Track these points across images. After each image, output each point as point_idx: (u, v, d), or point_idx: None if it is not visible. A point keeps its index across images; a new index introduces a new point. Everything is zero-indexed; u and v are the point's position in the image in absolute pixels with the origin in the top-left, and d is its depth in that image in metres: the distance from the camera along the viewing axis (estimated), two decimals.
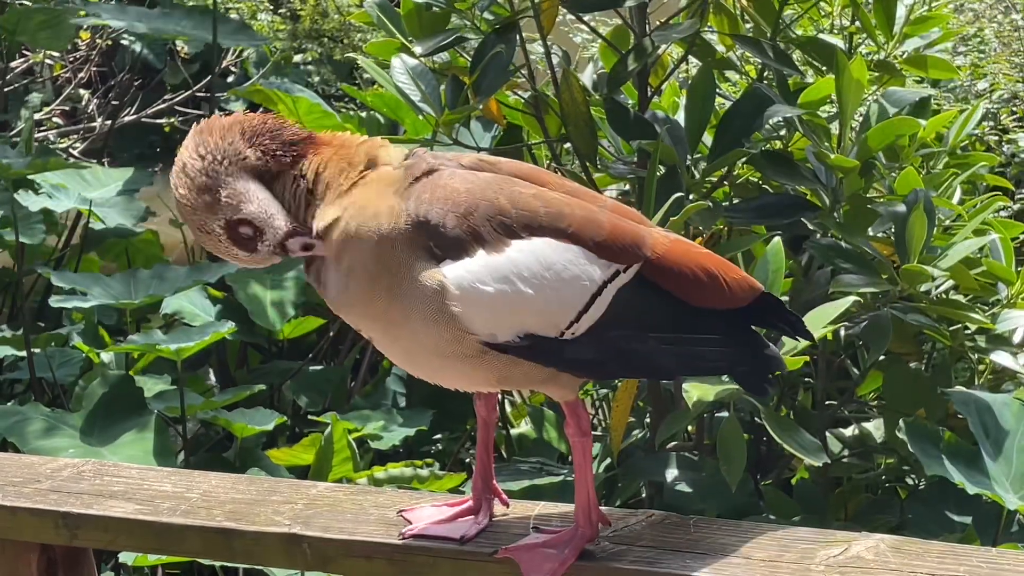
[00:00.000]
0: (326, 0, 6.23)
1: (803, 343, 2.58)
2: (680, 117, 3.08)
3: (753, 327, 1.90)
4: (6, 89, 6.36)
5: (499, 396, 1.97)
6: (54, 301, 4.13)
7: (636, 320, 1.79)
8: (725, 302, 1.83)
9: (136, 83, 6.74)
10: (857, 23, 3.13)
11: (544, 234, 1.76)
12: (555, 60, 3.14)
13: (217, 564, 3.57)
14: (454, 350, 1.75)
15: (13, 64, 6.28)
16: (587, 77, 3.29)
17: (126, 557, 3.27)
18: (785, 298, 3.08)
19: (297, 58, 6.68)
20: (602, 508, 1.88)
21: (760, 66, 3.19)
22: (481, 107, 3.00)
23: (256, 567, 3.08)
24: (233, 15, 6.50)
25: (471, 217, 1.75)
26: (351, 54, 5.59)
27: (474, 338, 1.75)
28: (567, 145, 3.29)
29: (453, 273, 1.74)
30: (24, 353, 4.17)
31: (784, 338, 2.68)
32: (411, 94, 2.95)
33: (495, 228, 1.76)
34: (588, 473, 1.82)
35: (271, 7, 6.72)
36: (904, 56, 3.10)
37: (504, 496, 1.94)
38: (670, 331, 1.81)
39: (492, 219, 1.76)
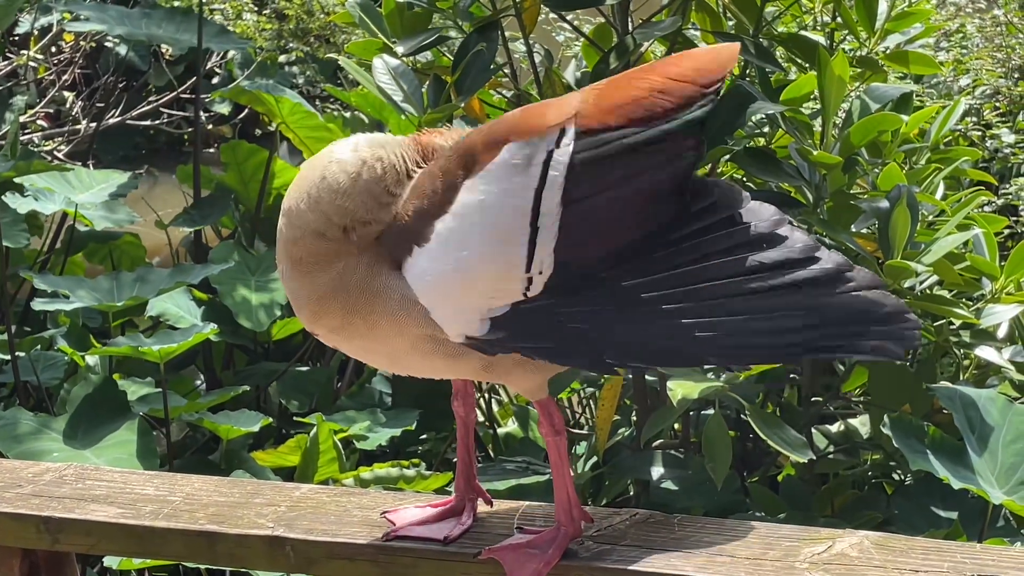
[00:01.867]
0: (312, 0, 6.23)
1: None
2: None
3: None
4: None
5: (476, 395, 1.96)
6: (37, 304, 4.12)
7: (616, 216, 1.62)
8: (694, 80, 1.64)
9: (120, 85, 6.73)
10: (839, 19, 3.13)
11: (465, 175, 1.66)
12: (537, 59, 3.14)
13: (203, 567, 3.56)
14: (433, 348, 1.74)
15: None
16: (570, 75, 3.29)
17: (111, 561, 3.26)
18: None
19: (282, 58, 6.67)
20: (585, 507, 1.87)
21: (742, 63, 3.19)
22: (463, 106, 3.00)
23: (240, 570, 3.08)
24: (218, 16, 6.50)
25: (412, 208, 1.70)
26: (333, 54, 5.58)
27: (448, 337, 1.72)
28: None
29: (410, 274, 1.69)
30: (8, 356, 4.16)
31: None
32: (393, 94, 2.95)
33: (424, 211, 1.69)
34: (566, 471, 1.81)
35: (255, 8, 6.71)
36: (886, 52, 3.10)
37: (487, 495, 1.94)
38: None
39: (418, 205, 1.70)
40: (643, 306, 1.63)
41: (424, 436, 4.19)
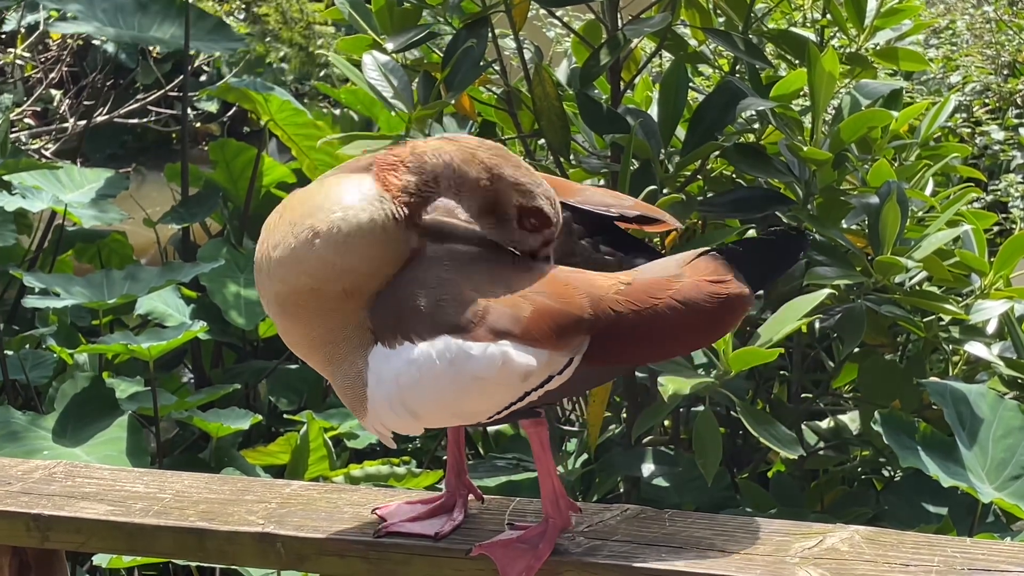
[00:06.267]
0: (288, 4, 6.19)
1: (781, 333, 2.59)
2: (653, 111, 3.08)
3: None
4: None
5: None
6: (28, 301, 4.11)
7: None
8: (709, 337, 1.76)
9: (108, 83, 6.71)
10: (828, 16, 3.14)
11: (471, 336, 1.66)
12: (527, 55, 3.14)
13: (193, 564, 3.55)
14: None
15: None
16: (561, 72, 3.29)
17: (100, 559, 3.25)
18: (759, 292, 3.08)
19: (270, 56, 6.65)
20: (578, 504, 1.87)
21: (732, 59, 3.19)
22: (453, 103, 2.99)
23: (231, 567, 3.07)
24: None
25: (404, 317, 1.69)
26: (321, 50, 5.56)
27: None
28: (541, 141, 3.28)
29: (370, 369, 1.70)
30: None
31: (759, 329, 2.69)
32: (383, 90, 2.94)
33: (419, 326, 1.68)
34: (549, 462, 1.81)
35: (242, 8, 6.69)
36: (876, 48, 3.10)
37: (478, 491, 1.93)
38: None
39: (416, 316, 1.68)
40: None
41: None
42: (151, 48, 7.28)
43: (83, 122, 6.19)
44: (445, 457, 4.11)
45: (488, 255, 1.71)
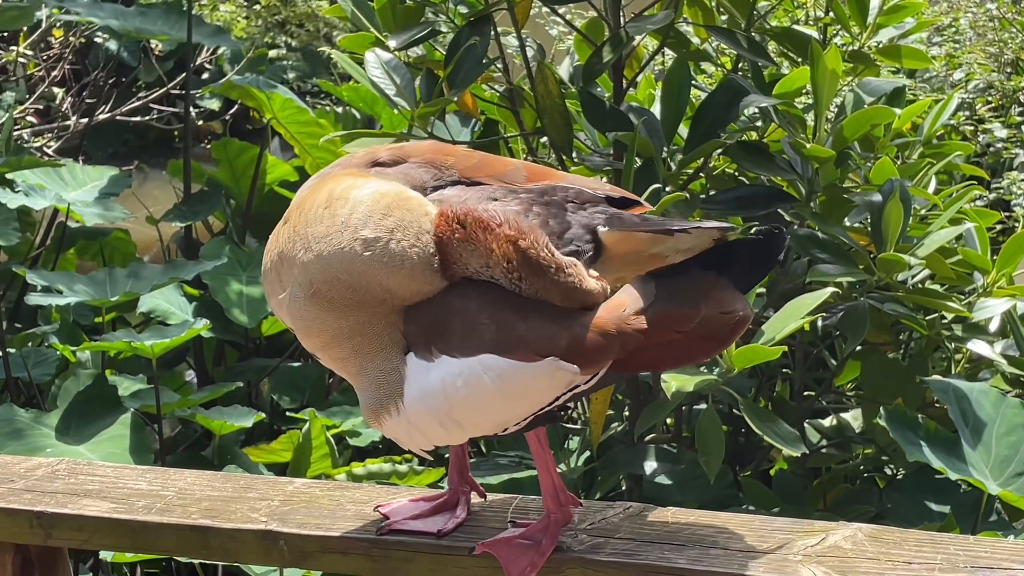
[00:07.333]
0: None
1: (784, 331, 2.59)
2: (656, 109, 3.08)
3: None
4: None
5: None
6: (32, 299, 4.11)
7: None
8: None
9: (110, 81, 6.71)
10: (831, 14, 3.13)
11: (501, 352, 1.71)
12: (530, 53, 3.13)
13: (196, 562, 3.55)
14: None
15: None
16: (564, 70, 3.29)
17: (105, 554, 3.25)
18: (762, 290, 3.09)
19: (272, 53, 6.65)
20: (580, 499, 1.87)
21: (735, 57, 3.19)
22: (456, 100, 2.99)
23: (234, 564, 3.07)
24: (198, 10, 6.47)
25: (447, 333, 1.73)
26: (324, 48, 5.56)
27: None
28: (543, 139, 3.28)
29: (412, 389, 1.73)
30: None
31: (762, 327, 2.69)
32: (386, 88, 2.94)
33: (441, 327, 1.72)
34: (548, 458, 1.81)
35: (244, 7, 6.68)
36: (878, 46, 3.10)
37: (480, 488, 1.93)
38: None
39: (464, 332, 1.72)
40: None
41: None
42: (153, 46, 7.28)
43: (85, 120, 6.19)
44: (447, 455, 4.10)
45: None
